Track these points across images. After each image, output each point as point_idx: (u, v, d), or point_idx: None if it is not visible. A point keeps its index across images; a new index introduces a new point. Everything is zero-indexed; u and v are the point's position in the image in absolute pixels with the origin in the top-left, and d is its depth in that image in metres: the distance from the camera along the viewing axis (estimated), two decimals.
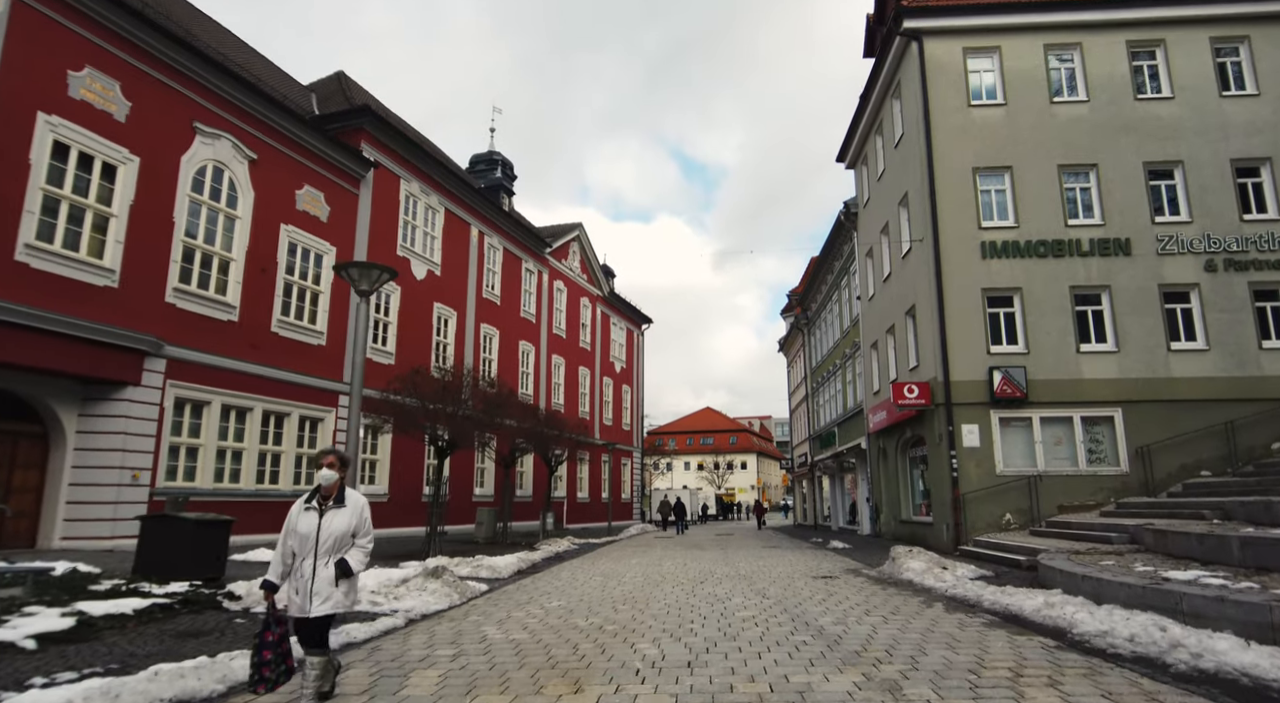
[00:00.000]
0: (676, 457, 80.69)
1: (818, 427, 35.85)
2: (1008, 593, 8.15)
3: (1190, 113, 16.96)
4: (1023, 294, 16.54)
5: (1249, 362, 15.96)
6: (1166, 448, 15.57)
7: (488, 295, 28.34)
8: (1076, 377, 16.17)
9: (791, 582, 10.70)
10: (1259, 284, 16.26)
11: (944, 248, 16.70)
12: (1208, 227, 16.46)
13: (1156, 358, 16.12)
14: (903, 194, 18.93)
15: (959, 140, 17.13)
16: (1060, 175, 16.95)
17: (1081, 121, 17.14)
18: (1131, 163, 16.85)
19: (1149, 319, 16.24)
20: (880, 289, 21.82)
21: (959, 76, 17.45)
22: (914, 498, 20.29)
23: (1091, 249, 16.56)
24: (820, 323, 34.86)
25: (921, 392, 16.91)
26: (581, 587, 10.43)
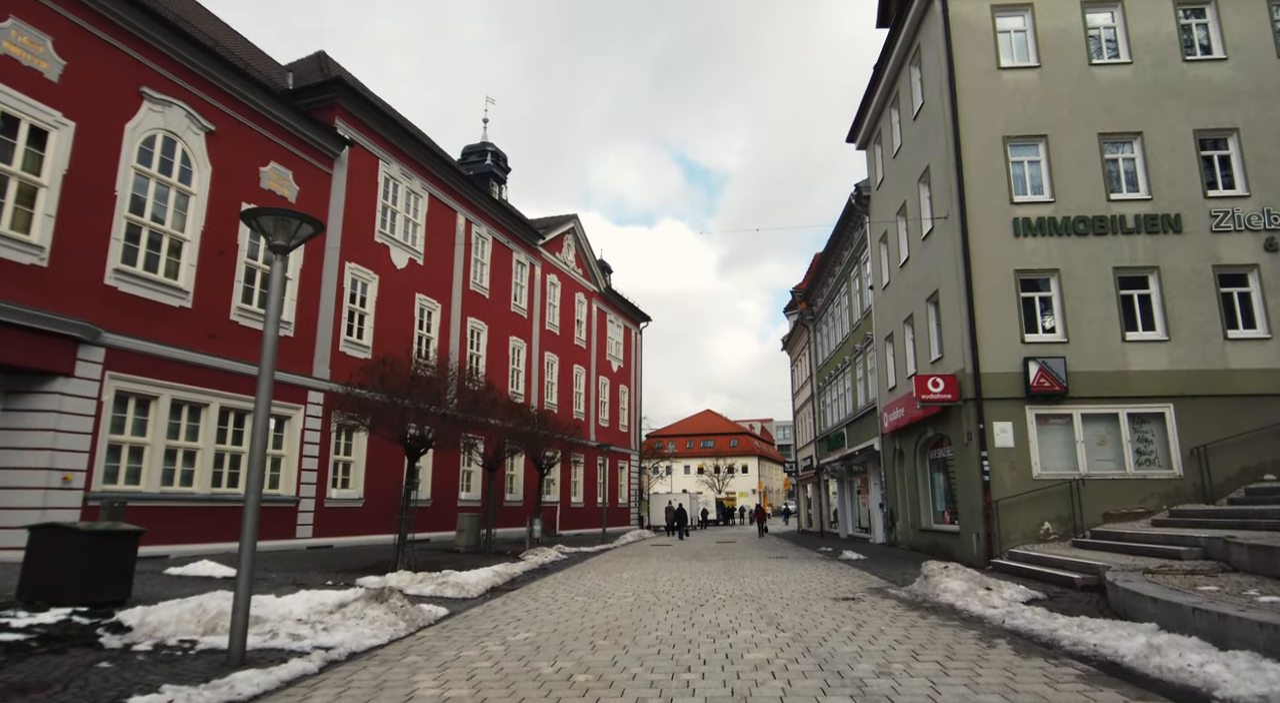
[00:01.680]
0: (676, 460, 78.96)
1: (824, 428, 34.12)
2: (1088, 628, 6.46)
3: (1246, 75, 15.29)
4: (1060, 276, 14.86)
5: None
6: (1225, 448, 13.87)
7: (475, 287, 26.68)
8: (1122, 369, 14.48)
9: (808, 605, 9.00)
10: None
11: (971, 225, 15.03)
12: (1268, 201, 14.77)
13: (1212, 348, 14.42)
14: (924, 169, 17.25)
15: (988, 107, 15.46)
16: (1101, 145, 15.27)
17: (1124, 86, 15.46)
18: (1181, 131, 15.18)
19: (1203, 304, 14.55)
20: (896, 276, 20.12)
21: (987, 37, 15.78)
22: (935, 504, 18.57)
23: (1137, 226, 14.87)
24: (827, 318, 33.16)
25: (948, 385, 15.21)
26: (559, 611, 8.74)
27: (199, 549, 14.67)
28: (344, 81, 20.76)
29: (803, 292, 39.46)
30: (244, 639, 5.74)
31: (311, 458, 18.54)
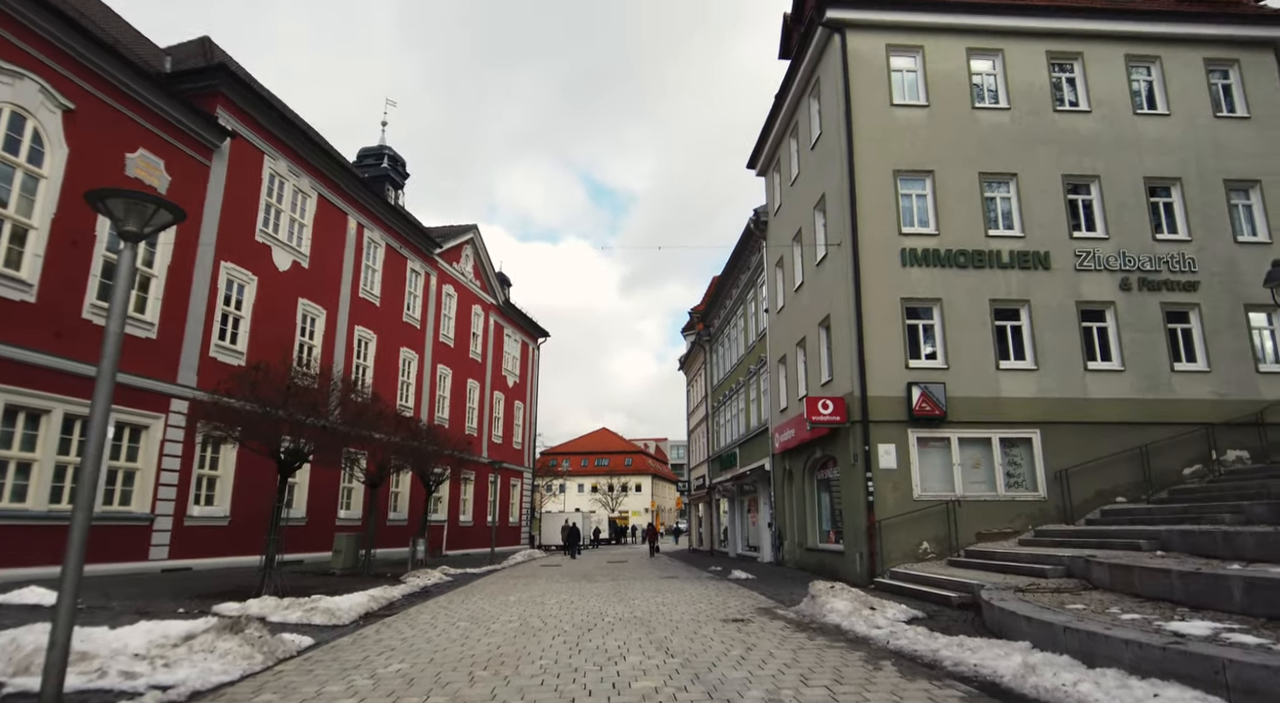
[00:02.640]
0: (570, 478, 78.24)
1: (718, 448, 34.56)
2: (968, 647, 6.58)
3: (1107, 127, 16.63)
4: (942, 306, 15.58)
5: (1161, 384, 15.52)
6: (1084, 472, 14.83)
7: (365, 295, 25.49)
8: (996, 395, 15.28)
9: (698, 628, 8.84)
10: (1170, 306, 15.93)
11: (863, 253, 15.56)
12: (1124, 244, 16.05)
13: (1074, 377, 15.45)
14: (819, 197, 17.79)
15: (880, 141, 16.12)
16: (981, 184, 16.21)
17: (1003, 130, 16.50)
18: (1051, 175, 16.31)
19: (1067, 337, 15.60)
20: (791, 300, 20.63)
21: (881, 74, 16.50)
22: (822, 524, 19.00)
23: (1012, 262, 15.82)
24: (723, 339, 33.71)
25: (837, 407, 15.60)
26: (438, 639, 8.20)
27: (31, 574, 13.05)
28: (228, 69, 19.45)
29: (701, 313, 40.05)
30: (60, 681, 4.96)
31: (171, 472, 16.99)
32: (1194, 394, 15.47)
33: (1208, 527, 9.73)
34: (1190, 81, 17.09)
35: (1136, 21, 17.04)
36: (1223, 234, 16.26)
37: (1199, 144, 16.70)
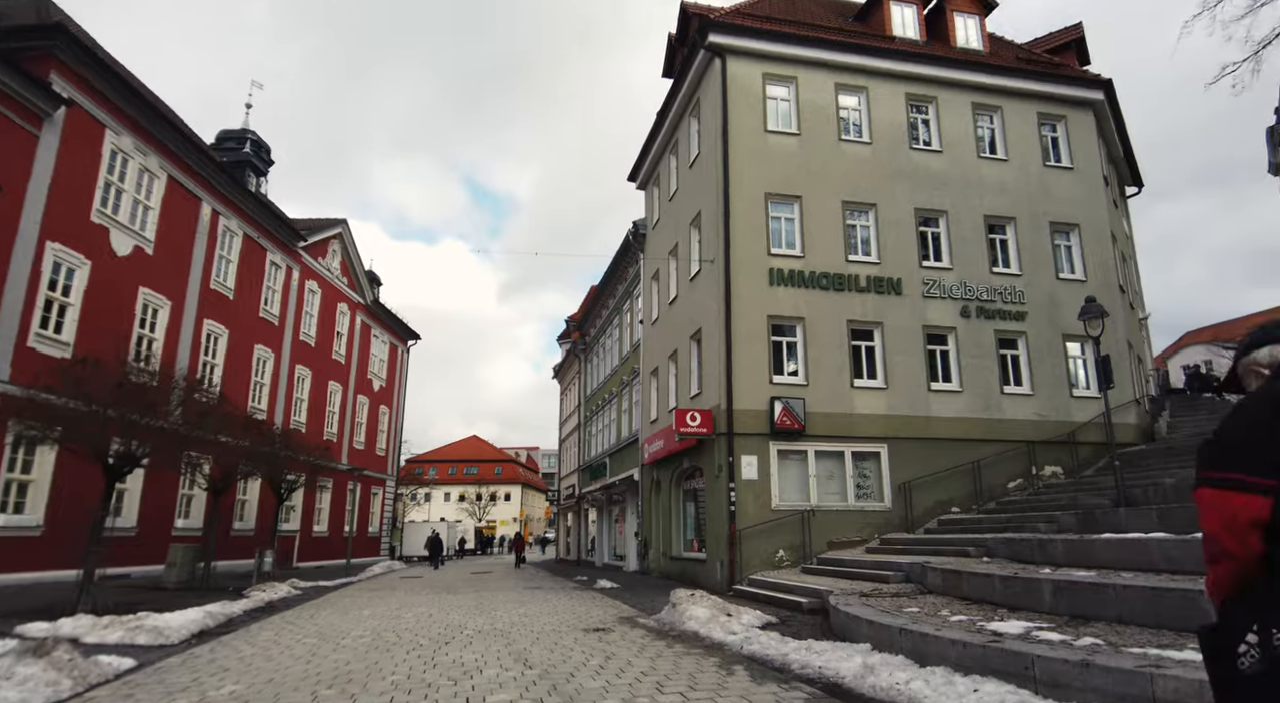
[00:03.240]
0: (436, 487, 75.81)
1: (588, 457, 34.63)
2: (814, 650, 6.92)
3: (954, 167, 18.12)
4: (805, 325, 16.39)
5: (993, 404, 17.01)
6: (924, 484, 15.98)
7: (217, 287, 23.71)
8: (849, 411, 16.21)
9: (559, 639, 8.80)
10: (1002, 333, 17.52)
11: (735, 271, 16.13)
12: (965, 275, 17.51)
13: (919, 396, 16.65)
14: (696, 214, 18.30)
15: (754, 164, 16.81)
16: (844, 211, 17.22)
17: (865, 162, 17.62)
18: (905, 208, 17.57)
19: (914, 359, 16.80)
20: (665, 313, 21.05)
21: (758, 101, 17.22)
22: (686, 532, 19.42)
23: (868, 286, 16.88)
24: (599, 349, 33.90)
25: (704, 419, 16.04)
26: (280, 656, 7.71)
27: None
28: (66, 30, 17.61)
29: (577, 322, 40.08)
30: None
31: None
32: (1019, 414, 17.07)
33: (1026, 535, 10.72)
34: (1025, 132, 18.96)
35: (982, 73, 18.72)
36: (1047, 271, 18.10)
37: (1030, 189, 18.54)
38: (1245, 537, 1.79)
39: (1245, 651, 1.74)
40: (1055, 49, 21.32)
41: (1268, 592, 1.78)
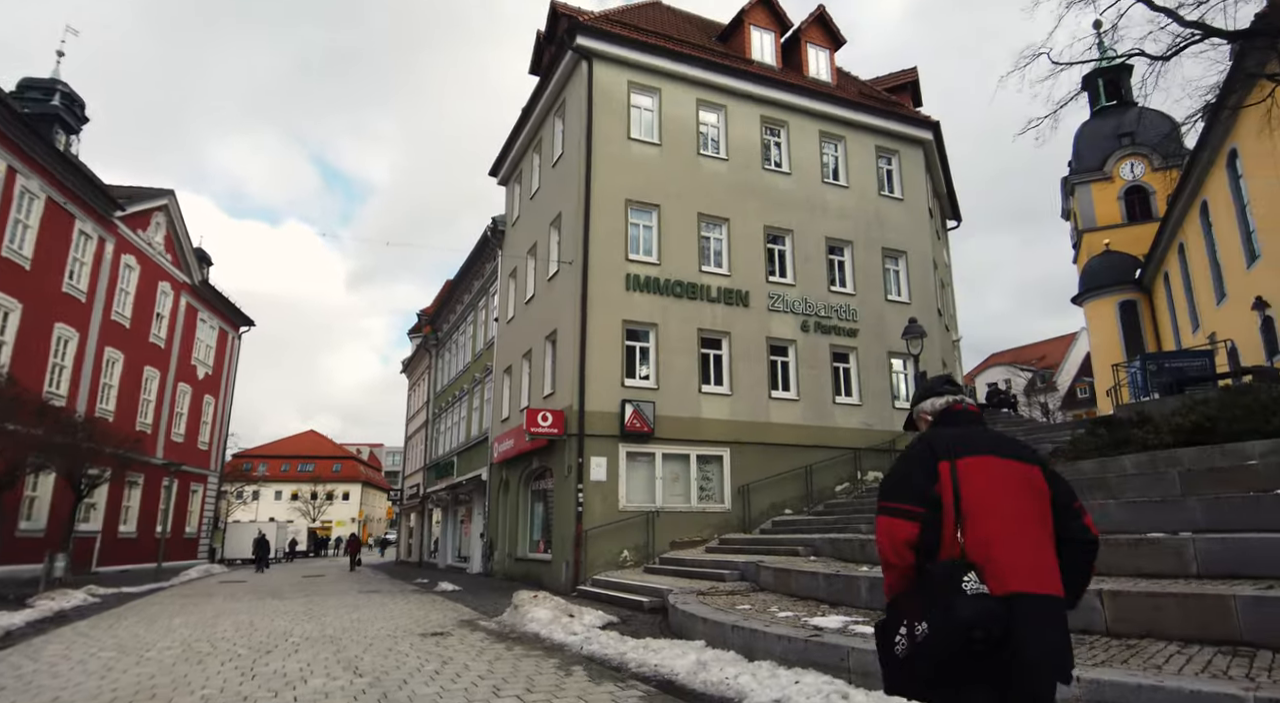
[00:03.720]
0: (267, 485, 70.72)
1: (435, 455, 33.64)
2: (651, 649, 7.13)
3: (801, 189, 19.27)
4: (658, 331, 16.82)
5: (826, 413, 18.23)
6: (762, 487, 16.85)
7: (11, 254, 20.90)
8: (696, 416, 16.81)
9: (394, 644, 8.51)
10: (836, 347, 18.82)
11: (592, 274, 16.29)
12: (806, 292, 18.66)
13: (760, 403, 17.54)
14: (556, 215, 18.30)
15: (616, 170, 17.06)
16: (699, 223, 17.84)
17: (720, 178, 18.35)
18: (755, 225, 18.46)
19: (757, 367, 17.68)
20: (521, 312, 20.87)
21: (622, 108, 17.50)
22: (533, 533, 19.34)
23: (718, 297, 17.58)
24: (451, 345, 33.02)
25: (555, 420, 16.05)
26: (71, 672, 6.94)
27: None
28: None
29: (429, 316, 38.83)
30: None
31: None
32: (848, 423, 18.40)
33: (849, 535, 11.57)
34: (864, 162, 20.50)
35: (830, 104, 20.05)
36: (877, 292, 19.67)
37: (867, 215, 20.07)
38: (902, 552, 2.33)
39: (898, 640, 2.28)
40: (893, 89, 23.21)
41: (911, 595, 2.33)
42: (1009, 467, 2.41)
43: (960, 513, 2.30)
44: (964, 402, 2.67)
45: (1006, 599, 2.18)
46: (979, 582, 2.21)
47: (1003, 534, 2.27)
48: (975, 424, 2.61)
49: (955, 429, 2.55)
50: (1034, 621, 2.18)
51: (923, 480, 2.39)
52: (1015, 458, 2.44)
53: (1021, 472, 2.41)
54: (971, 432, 2.53)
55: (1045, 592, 2.25)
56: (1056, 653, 2.22)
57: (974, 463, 2.38)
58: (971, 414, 2.64)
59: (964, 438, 2.47)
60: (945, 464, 2.38)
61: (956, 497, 2.32)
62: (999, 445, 2.47)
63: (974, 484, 2.34)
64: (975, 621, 2.15)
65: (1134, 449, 10.85)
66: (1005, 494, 2.35)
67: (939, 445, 2.44)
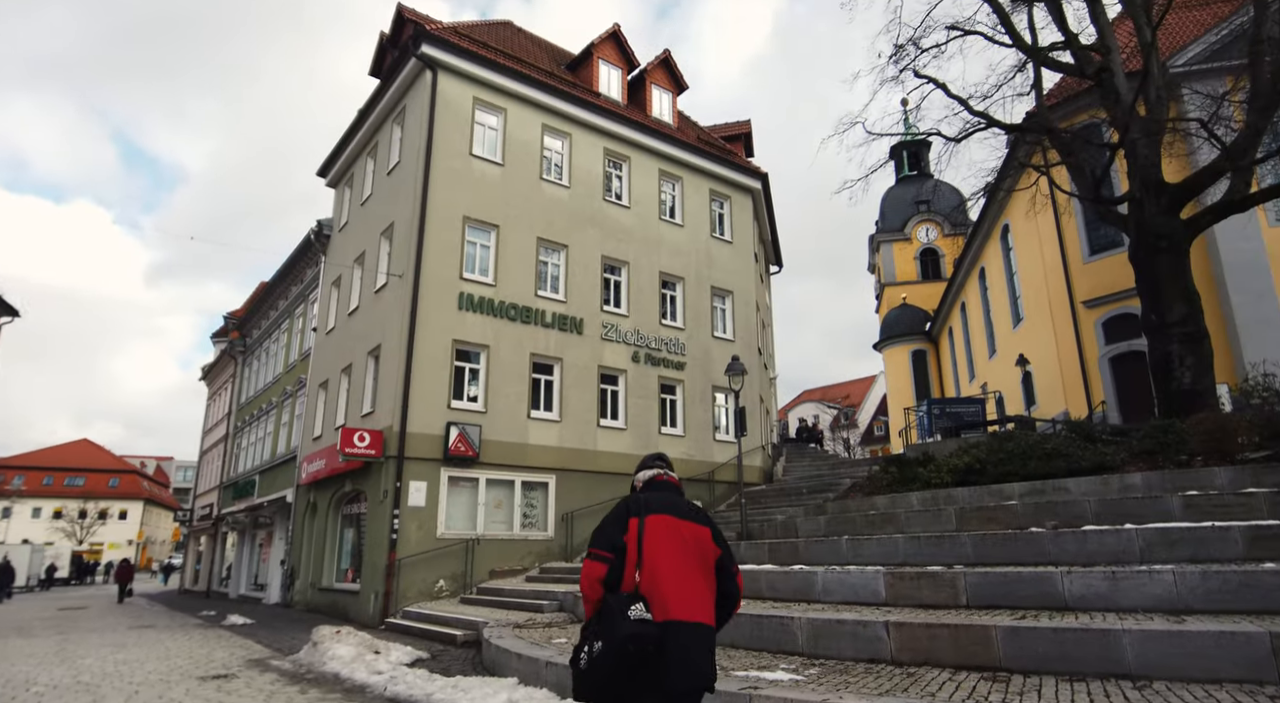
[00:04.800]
0: (24, 500, 61.17)
1: (235, 473, 30.73)
2: (461, 688, 6.87)
3: (639, 223, 19.80)
4: (489, 353, 16.50)
5: (652, 443, 18.63)
6: (586, 515, 16.87)
7: None
8: (523, 442, 16.60)
9: (166, 691, 7.58)
10: (665, 379, 19.40)
11: (424, 290, 15.72)
12: (639, 323, 19.11)
13: (588, 431, 17.65)
14: (388, 224, 17.52)
15: (456, 185, 16.66)
16: (538, 248, 17.78)
17: (562, 205, 18.44)
18: (593, 254, 18.70)
19: (588, 395, 17.80)
20: (343, 323, 19.68)
21: (466, 123, 17.16)
22: (340, 562, 18.12)
23: (553, 322, 17.57)
24: (261, 353, 30.45)
25: (373, 440, 15.21)
26: None
27: None
28: None
29: (238, 319, 35.60)
30: None
31: None
32: (672, 452, 18.87)
33: None
34: (699, 204, 21.47)
35: (670, 145, 20.85)
36: (705, 328, 20.56)
37: (699, 254, 20.98)
38: (594, 586, 3.01)
39: (581, 656, 2.90)
40: (729, 138, 24.58)
41: (595, 620, 2.95)
42: (683, 525, 3.10)
43: (640, 557, 2.97)
44: (666, 474, 3.39)
45: (664, 625, 2.83)
46: (645, 610, 2.84)
47: (668, 575, 2.94)
48: (670, 492, 3.30)
49: (653, 494, 3.25)
50: (684, 641, 2.84)
51: (615, 532, 3.08)
52: (691, 520, 3.16)
53: (693, 530, 3.12)
54: (664, 497, 3.23)
55: (696, 620, 2.92)
56: (700, 667, 2.88)
57: (657, 520, 3.06)
58: (670, 484, 3.36)
59: (656, 501, 3.17)
60: (635, 520, 3.07)
61: (640, 544, 2.99)
62: (679, 509, 3.17)
63: (653, 536, 3.01)
64: (631, 638, 2.75)
65: (919, 487, 12.04)
66: (675, 545, 3.02)
67: (634, 505, 3.15)
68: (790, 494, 17.75)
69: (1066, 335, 20.79)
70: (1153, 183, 14.04)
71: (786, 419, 59.87)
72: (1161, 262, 13.75)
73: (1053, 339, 21.61)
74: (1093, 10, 15.46)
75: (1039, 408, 22.93)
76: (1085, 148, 16.30)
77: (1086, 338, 20.20)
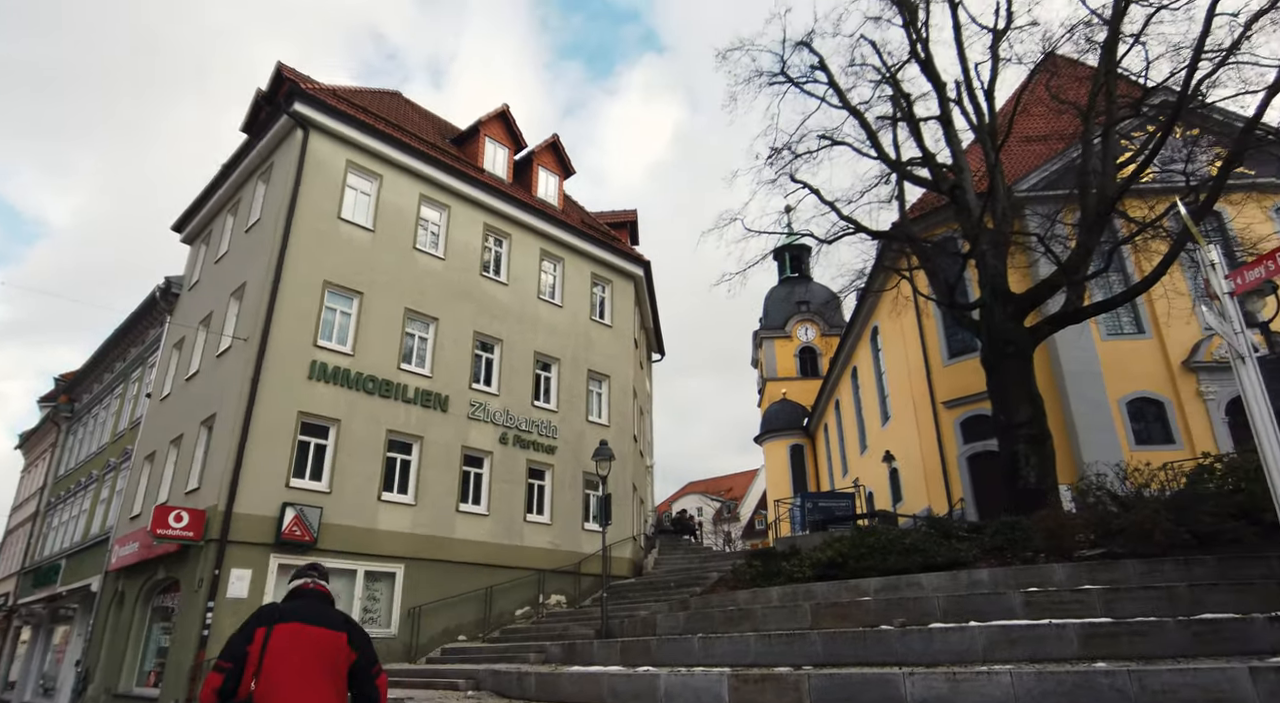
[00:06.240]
0: None
1: (40, 556, 26.84)
2: None
3: (516, 301, 19.33)
4: (341, 428, 15.23)
5: (515, 531, 17.59)
6: (437, 610, 15.51)
7: None
8: (372, 526, 15.21)
9: None
10: (534, 463, 18.54)
11: (270, 355, 14.46)
12: (510, 404, 18.33)
13: (445, 517, 16.43)
14: (240, 284, 16.24)
15: (318, 248, 15.73)
16: (405, 319, 16.92)
17: (436, 276, 17.77)
18: (465, 329, 17.99)
19: (448, 477, 16.68)
20: (180, 389, 17.85)
21: (337, 186, 16.41)
22: (144, 662, 15.71)
23: (415, 398, 16.54)
24: (89, 419, 27.33)
25: (193, 521, 13.46)
26: None
27: None
28: None
29: (68, 382, 32.05)
30: None
31: None
32: (537, 542, 17.91)
33: (512, 667, 10.81)
34: (580, 286, 21.33)
35: (553, 226, 20.78)
36: (579, 411, 20.00)
37: (577, 336, 20.65)
38: (210, 697, 3.20)
39: None
40: (615, 224, 24.91)
41: None
42: (314, 632, 3.29)
43: (260, 665, 3.14)
44: (314, 583, 3.58)
45: None
46: None
47: (284, 681, 3.12)
48: (313, 600, 3.49)
49: (291, 603, 3.47)
50: None
51: (240, 641, 3.26)
52: (325, 626, 3.35)
53: (325, 636, 3.31)
54: (301, 605, 3.43)
55: None
56: None
57: (285, 628, 3.25)
58: (317, 593, 3.54)
59: (290, 609, 3.37)
60: (262, 629, 3.26)
61: (262, 653, 3.16)
62: (313, 616, 3.35)
63: (277, 644, 3.19)
64: None
65: (782, 581, 11.65)
66: (298, 653, 3.20)
67: (264, 615, 3.35)
68: (658, 588, 16.97)
69: (929, 434, 21.57)
70: (1000, 291, 14.98)
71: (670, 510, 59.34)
72: (1009, 366, 14.50)
73: (917, 437, 22.37)
74: (947, 133, 16.82)
75: (904, 504, 23.47)
76: (942, 256, 17.39)
77: (947, 437, 21.00)
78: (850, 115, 17.55)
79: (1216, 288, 4.39)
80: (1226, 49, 13.33)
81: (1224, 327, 4.30)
